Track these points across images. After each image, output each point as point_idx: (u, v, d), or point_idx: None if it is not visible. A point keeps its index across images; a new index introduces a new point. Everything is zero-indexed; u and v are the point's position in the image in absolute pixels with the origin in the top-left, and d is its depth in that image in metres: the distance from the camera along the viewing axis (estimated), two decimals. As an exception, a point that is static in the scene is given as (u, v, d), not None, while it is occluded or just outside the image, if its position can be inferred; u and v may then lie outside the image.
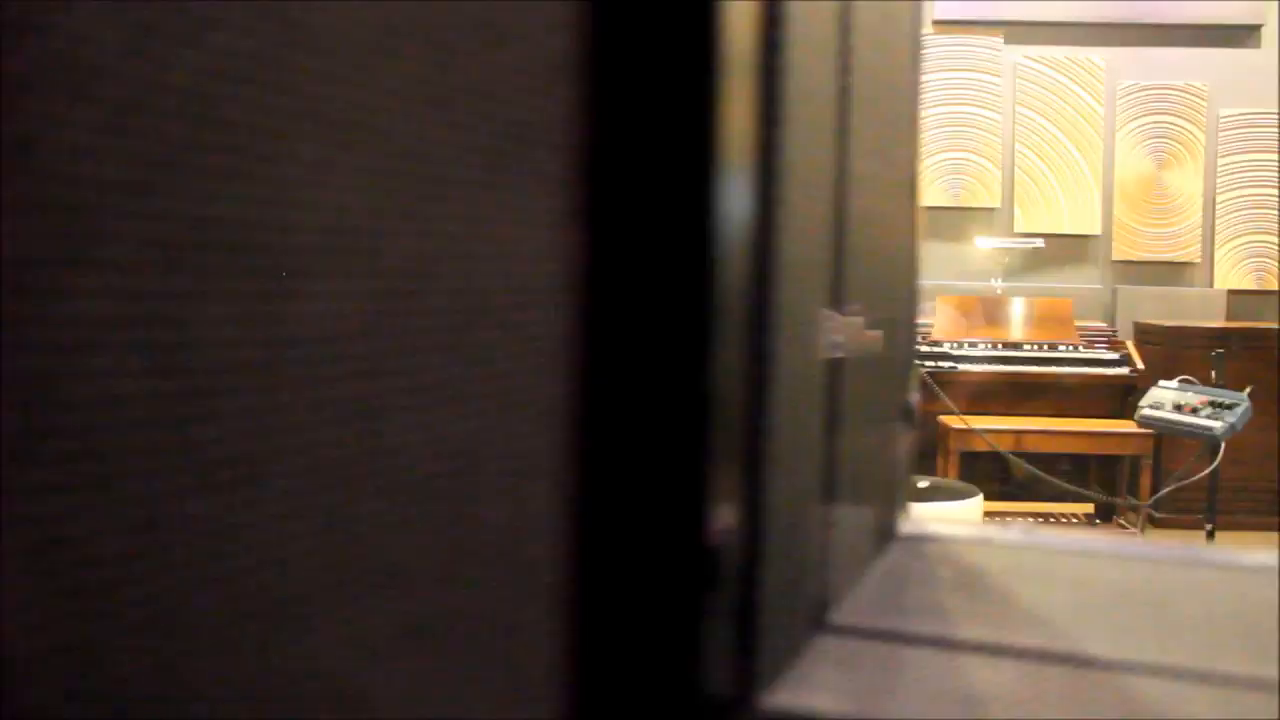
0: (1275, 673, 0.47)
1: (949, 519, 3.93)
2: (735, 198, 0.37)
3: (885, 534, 0.68)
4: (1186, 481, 3.36)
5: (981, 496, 4.07)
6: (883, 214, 0.62)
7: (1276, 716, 0.43)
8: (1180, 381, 3.29)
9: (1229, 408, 3.09)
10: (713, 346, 0.35)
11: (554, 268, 0.34)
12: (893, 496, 0.69)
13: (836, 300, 0.51)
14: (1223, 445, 3.22)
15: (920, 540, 0.68)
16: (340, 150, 0.25)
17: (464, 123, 0.31)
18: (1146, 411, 3.25)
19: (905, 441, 0.70)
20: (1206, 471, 3.21)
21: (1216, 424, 3.07)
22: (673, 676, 0.37)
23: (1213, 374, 3.30)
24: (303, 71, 0.24)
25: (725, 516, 0.37)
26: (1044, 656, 0.49)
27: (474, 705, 0.34)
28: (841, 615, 0.54)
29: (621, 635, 0.37)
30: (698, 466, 0.36)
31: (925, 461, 5.00)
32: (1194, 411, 3.16)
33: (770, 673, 0.44)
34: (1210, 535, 3.31)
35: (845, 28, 0.50)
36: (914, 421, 0.70)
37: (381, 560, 0.29)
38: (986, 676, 0.47)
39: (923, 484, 4.07)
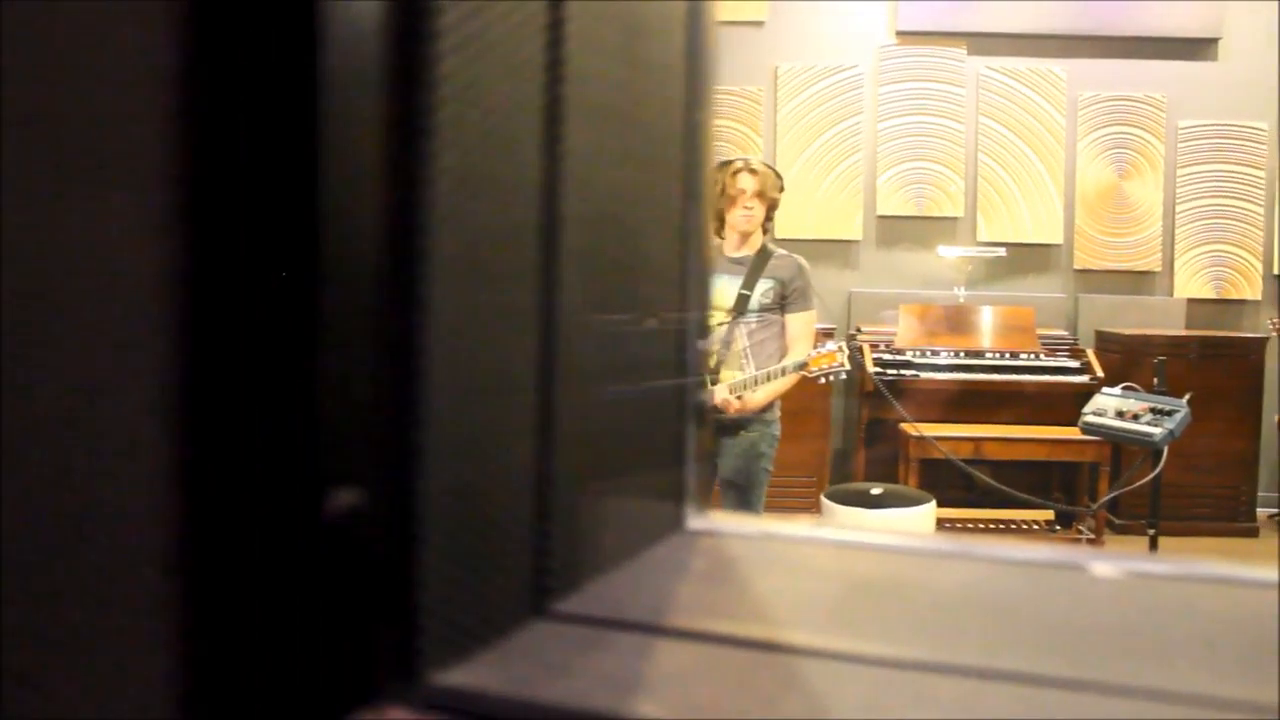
0: (961, 658, 0.49)
1: (902, 526, 3.96)
2: (360, 201, 0.39)
3: (663, 527, 0.70)
4: (1130, 488, 3.39)
5: (934, 503, 4.10)
6: (641, 221, 0.64)
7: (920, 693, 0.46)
8: (1123, 388, 3.33)
9: (1169, 414, 3.13)
10: (326, 342, 0.37)
11: (154, 264, 0.36)
12: (678, 492, 0.71)
13: (550, 299, 0.53)
14: (1165, 451, 3.25)
15: (699, 535, 0.71)
16: None
17: (44, 124, 0.34)
18: (1089, 418, 3.28)
19: (696, 440, 0.72)
20: (1149, 477, 3.24)
21: (1156, 430, 3.11)
22: (300, 656, 0.39)
23: (1155, 380, 3.34)
24: None
25: (351, 500, 0.40)
26: (735, 642, 0.51)
27: (71, 693, 0.36)
28: (572, 603, 0.56)
29: (238, 615, 0.39)
30: (312, 452, 0.38)
31: (887, 468, 5.03)
32: (1135, 418, 3.19)
33: (441, 654, 0.46)
34: (1153, 541, 3.35)
35: (556, 41, 0.53)
36: (705, 421, 0.73)
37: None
38: (666, 659, 0.50)
39: (875, 491, 4.10)
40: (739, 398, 3.03)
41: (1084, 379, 5.10)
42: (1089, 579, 0.63)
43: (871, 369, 5.01)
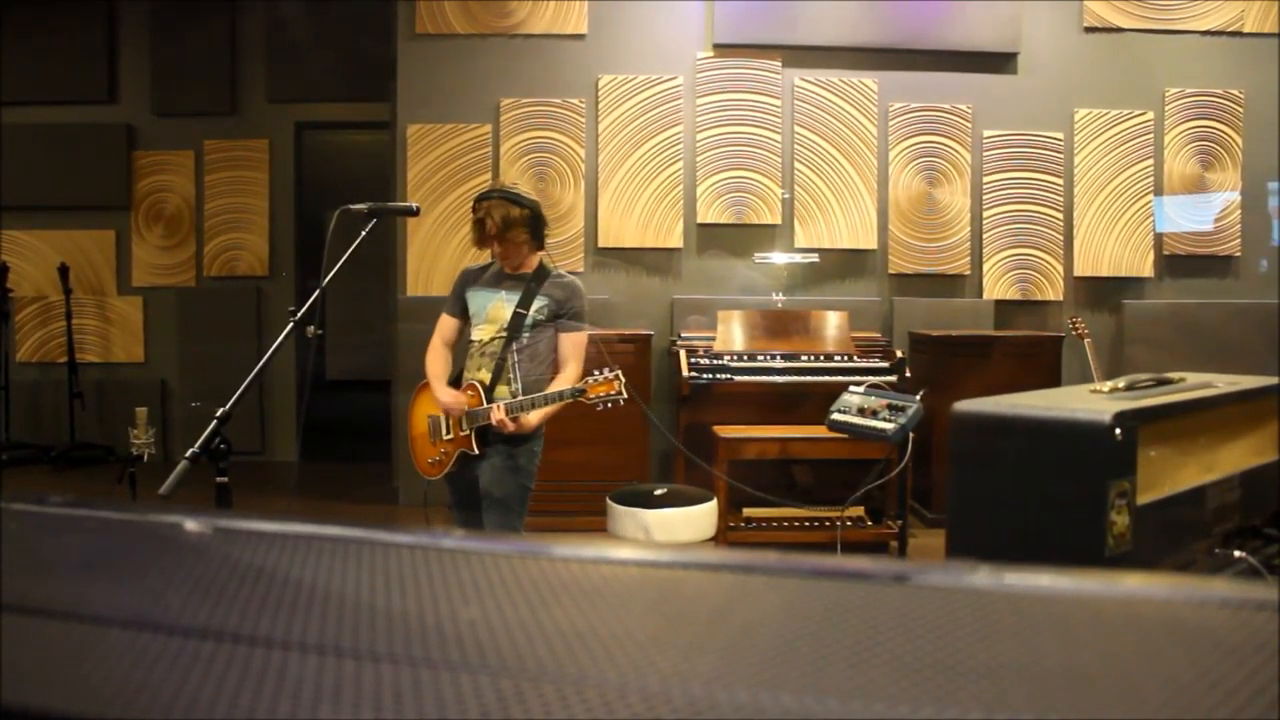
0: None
1: (681, 523, 4.06)
2: None
3: None
4: (879, 482, 3.54)
5: (715, 502, 4.22)
6: None
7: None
8: (868, 387, 3.48)
9: (903, 410, 3.29)
10: None
11: None
12: None
13: None
14: (909, 445, 3.40)
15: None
16: None
17: None
18: (835, 416, 3.42)
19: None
20: (894, 472, 3.40)
21: (889, 426, 3.26)
22: None
23: (896, 378, 3.50)
24: None
25: None
26: None
27: None
28: None
29: None
30: None
31: (705, 470, 5.13)
32: (873, 415, 3.34)
33: None
34: (901, 535, 3.50)
35: None
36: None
37: None
38: None
39: (659, 491, 4.20)
40: (514, 419, 3.03)
41: (893, 379, 5.28)
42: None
43: (687, 374, 5.12)
